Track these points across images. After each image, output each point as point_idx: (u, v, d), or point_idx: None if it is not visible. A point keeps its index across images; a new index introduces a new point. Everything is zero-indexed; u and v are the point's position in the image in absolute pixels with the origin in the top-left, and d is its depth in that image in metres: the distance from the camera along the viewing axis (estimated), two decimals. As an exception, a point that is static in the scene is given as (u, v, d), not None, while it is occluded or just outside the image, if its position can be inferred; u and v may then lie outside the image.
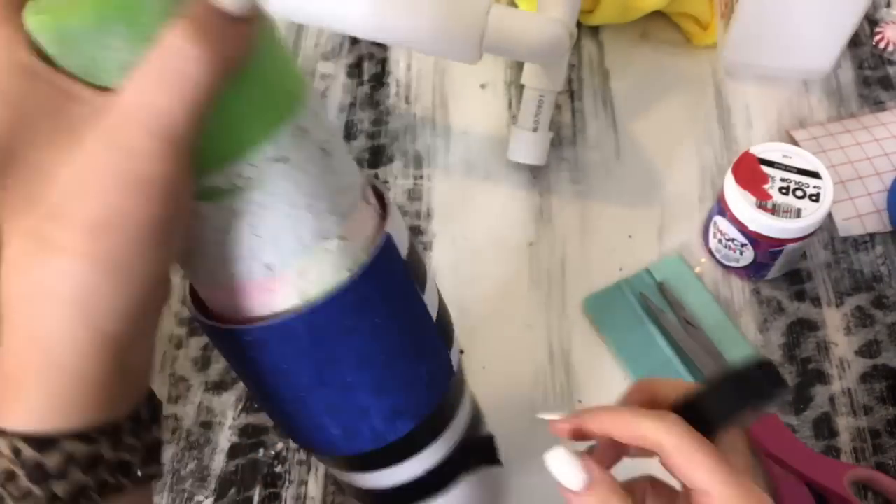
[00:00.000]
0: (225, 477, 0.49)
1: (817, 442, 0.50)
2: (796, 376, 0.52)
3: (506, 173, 0.61)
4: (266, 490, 0.49)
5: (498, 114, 0.65)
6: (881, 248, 0.58)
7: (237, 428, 0.51)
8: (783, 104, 0.65)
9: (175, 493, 0.49)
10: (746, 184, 0.52)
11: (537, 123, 0.57)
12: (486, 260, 0.57)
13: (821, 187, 0.51)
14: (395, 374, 0.33)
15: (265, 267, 0.29)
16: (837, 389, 0.52)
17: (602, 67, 0.67)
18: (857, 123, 0.63)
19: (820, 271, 0.57)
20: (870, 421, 0.51)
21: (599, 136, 0.63)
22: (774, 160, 0.52)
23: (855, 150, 0.61)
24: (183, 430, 0.51)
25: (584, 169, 0.62)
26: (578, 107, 0.65)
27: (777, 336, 0.54)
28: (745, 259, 0.54)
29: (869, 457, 0.50)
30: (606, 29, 0.69)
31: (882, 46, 0.68)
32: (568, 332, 0.54)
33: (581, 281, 0.56)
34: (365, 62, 0.68)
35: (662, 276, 0.56)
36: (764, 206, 0.51)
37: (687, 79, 0.67)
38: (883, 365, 0.53)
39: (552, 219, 0.59)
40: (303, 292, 0.30)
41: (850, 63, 0.68)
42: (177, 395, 0.52)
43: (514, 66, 0.67)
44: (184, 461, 0.50)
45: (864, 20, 0.70)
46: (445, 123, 0.64)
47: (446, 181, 0.61)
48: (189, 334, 0.54)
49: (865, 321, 0.55)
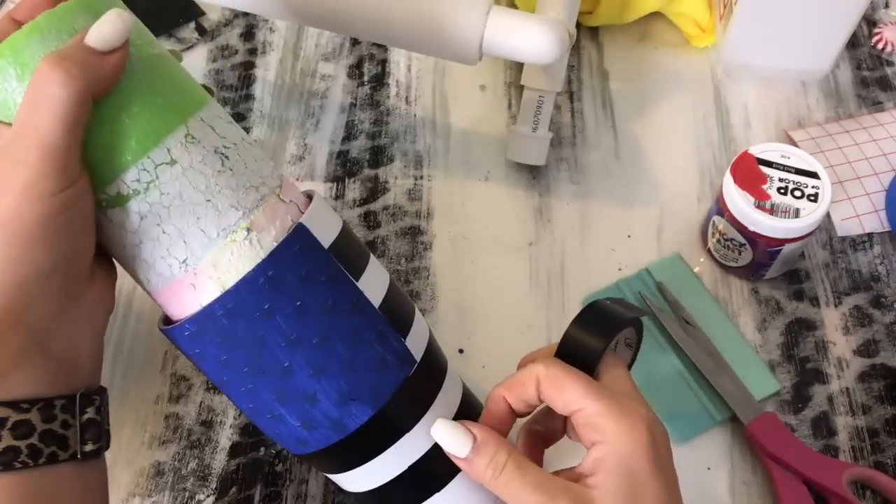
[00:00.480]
0: (226, 476, 0.49)
1: (816, 441, 0.50)
2: (795, 376, 0.53)
3: (506, 173, 0.62)
4: (267, 489, 0.49)
5: (497, 114, 0.65)
6: (879, 247, 0.58)
7: (238, 427, 0.51)
8: (782, 105, 0.65)
9: (176, 491, 0.49)
10: (745, 184, 0.52)
11: (537, 124, 0.58)
12: (486, 260, 0.58)
13: (819, 187, 0.51)
14: (330, 355, 0.35)
15: (181, 263, 0.33)
16: (836, 389, 0.52)
17: (601, 68, 0.68)
18: (856, 124, 0.63)
19: (818, 271, 0.57)
20: (868, 420, 0.51)
21: (599, 137, 0.64)
22: (773, 160, 0.53)
23: (853, 151, 0.61)
24: (184, 430, 0.51)
25: (583, 169, 0.62)
26: (578, 107, 0.65)
27: (776, 335, 0.54)
28: (744, 259, 0.54)
29: (867, 456, 0.50)
30: (606, 30, 0.70)
31: (880, 47, 0.68)
32: (567, 331, 0.54)
33: (580, 281, 0.57)
34: (365, 63, 0.68)
35: (661, 276, 0.56)
36: (762, 207, 0.51)
37: (686, 79, 0.67)
38: (881, 364, 0.53)
39: (552, 219, 0.59)
40: (222, 283, 0.34)
41: (848, 64, 0.68)
42: (178, 394, 0.52)
43: (514, 66, 0.67)
44: (185, 460, 0.50)
45: (863, 21, 0.70)
46: (445, 124, 0.64)
47: (446, 181, 0.61)
48: (190, 334, 0.54)
49: (864, 321, 0.55)
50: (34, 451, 0.31)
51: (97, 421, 0.34)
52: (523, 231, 0.59)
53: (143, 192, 0.32)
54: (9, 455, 0.30)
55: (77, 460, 0.33)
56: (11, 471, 0.30)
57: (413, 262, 0.57)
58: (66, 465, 0.32)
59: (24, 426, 0.31)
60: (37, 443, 0.31)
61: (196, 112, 0.34)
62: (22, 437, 0.30)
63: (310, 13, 0.52)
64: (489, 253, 0.58)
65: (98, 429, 0.34)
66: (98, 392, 0.35)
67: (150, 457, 0.50)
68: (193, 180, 0.33)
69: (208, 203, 0.33)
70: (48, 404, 0.32)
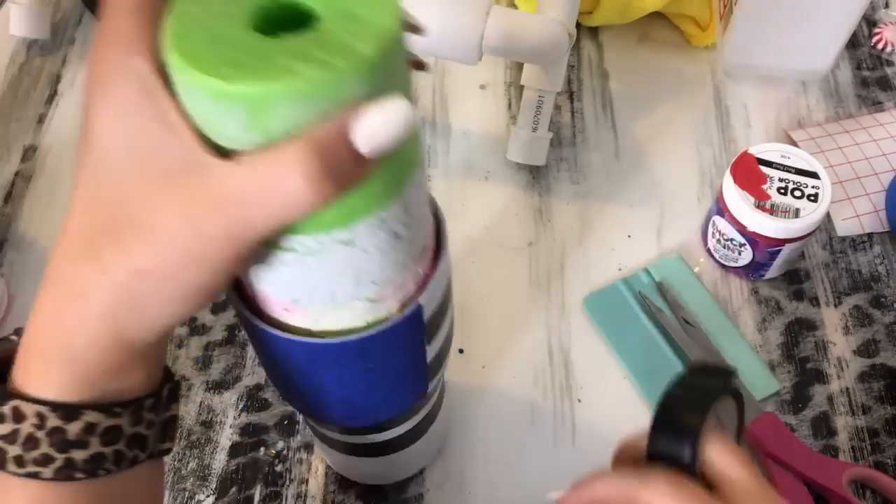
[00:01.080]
0: (226, 476, 0.49)
1: (816, 441, 0.50)
2: (794, 376, 0.53)
3: (506, 173, 0.62)
4: (267, 489, 0.49)
5: (498, 114, 0.65)
6: (879, 247, 0.58)
7: (238, 427, 0.51)
8: (782, 105, 0.65)
9: (176, 491, 0.49)
10: (745, 184, 0.52)
11: (537, 124, 0.58)
12: (486, 260, 0.58)
13: (819, 187, 0.51)
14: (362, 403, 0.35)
15: (292, 300, 0.30)
16: (836, 389, 0.52)
17: (601, 68, 0.68)
18: (856, 124, 0.63)
19: (818, 271, 0.57)
20: (868, 420, 0.51)
21: (599, 137, 0.64)
22: (773, 160, 0.53)
23: (853, 151, 0.61)
24: (184, 430, 0.51)
25: (583, 169, 0.62)
26: (578, 107, 0.65)
27: (775, 335, 0.54)
28: (744, 259, 0.54)
29: (867, 456, 0.50)
30: (606, 30, 0.70)
31: (880, 47, 0.68)
32: (567, 331, 0.54)
33: (580, 280, 0.57)
34: (365, 63, 0.68)
35: (661, 276, 0.56)
36: (762, 207, 0.51)
37: (686, 79, 0.67)
38: (881, 364, 0.53)
39: (552, 219, 0.59)
40: (316, 322, 0.31)
41: (848, 64, 0.68)
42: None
43: (514, 66, 0.67)
44: (185, 460, 0.50)
45: (863, 21, 0.70)
46: (445, 124, 0.64)
47: (446, 181, 0.61)
48: (190, 334, 0.54)
49: (864, 321, 0.55)
50: (119, 457, 0.29)
51: (176, 417, 0.32)
52: (523, 231, 0.59)
53: (302, 254, 0.27)
54: (95, 462, 0.28)
55: (152, 458, 0.31)
56: (94, 478, 0.28)
57: (413, 262, 0.57)
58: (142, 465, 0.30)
59: (114, 432, 0.28)
60: (123, 448, 0.29)
61: (403, 183, 0.27)
62: (110, 444, 0.28)
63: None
64: (489, 253, 0.58)
65: (175, 424, 0.32)
66: (177, 384, 0.32)
67: (150, 457, 0.50)
68: (357, 258, 0.28)
69: (356, 279, 0.29)
70: (138, 406, 0.29)
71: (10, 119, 0.65)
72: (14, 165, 0.63)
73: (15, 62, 0.69)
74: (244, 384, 0.52)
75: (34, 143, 0.64)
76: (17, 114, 0.66)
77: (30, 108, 0.66)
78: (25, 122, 0.65)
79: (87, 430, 0.27)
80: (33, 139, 0.64)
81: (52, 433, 0.27)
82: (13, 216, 0.60)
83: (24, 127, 0.65)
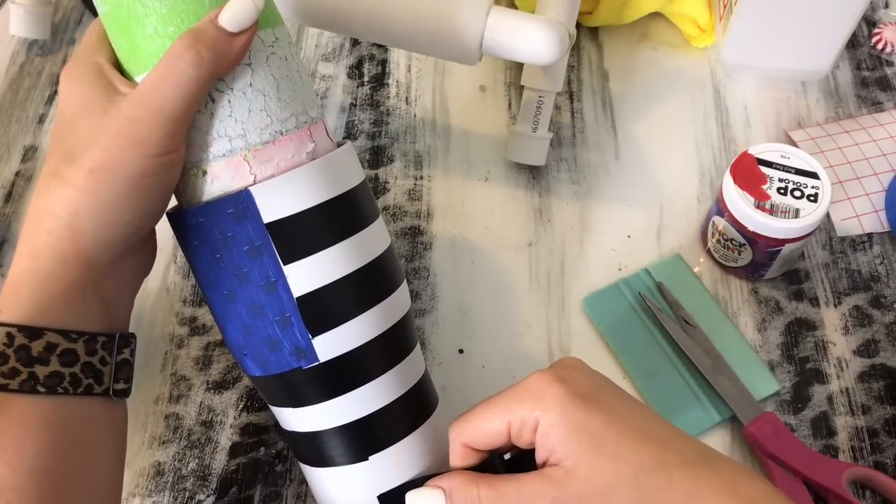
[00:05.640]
0: (226, 476, 0.49)
1: (815, 441, 0.50)
2: (794, 376, 0.53)
3: (505, 174, 0.62)
4: (267, 489, 0.49)
5: (497, 115, 0.65)
6: (879, 247, 0.58)
7: (238, 427, 0.51)
8: (781, 105, 0.65)
9: (176, 491, 0.49)
10: (745, 184, 0.52)
11: (537, 124, 0.58)
12: (485, 260, 0.58)
13: (819, 188, 0.51)
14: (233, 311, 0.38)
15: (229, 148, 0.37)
16: (836, 389, 0.52)
17: (601, 68, 0.68)
18: (855, 124, 0.63)
19: (818, 271, 0.57)
20: (868, 420, 0.51)
21: (599, 137, 0.64)
22: (773, 161, 0.53)
23: (853, 151, 0.62)
24: (184, 430, 0.51)
25: (583, 169, 0.62)
26: (578, 108, 0.65)
27: (775, 336, 0.54)
28: (744, 259, 0.54)
29: (867, 456, 0.50)
30: (606, 30, 0.70)
31: (880, 47, 0.68)
32: (567, 331, 0.54)
33: (580, 281, 0.57)
34: (365, 63, 0.68)
35: (661, 276, 0.56)
36: (762, 207, 0.51)
37: (686, 80, 0.67)
38: (881, 364, 0.53)
39: (552, 219, 0.59)
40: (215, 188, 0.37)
41: (848, 64, 0.68)
42: (178, 394, 0.52)
43: (514, 66, 0.67)
44: (185, 460, 0.50)
45: (863, 21, 0.70)
46: (445, 124, 0.65)
47: (446, 181, 0.61)
48: (190, 334, 0.54)
49: (863, 321, 0.55)
50: (75, 380, 0.34)
51: (129, 363, 0.37)
52: (523, 231, 0.59)
53: None
54: (54, 380, 0.33)
55: (107, 396, 0.35)
56: (53, 395, 0.33)
57: (413, 263, 0.57)
58: (97, 398, 0.35)
59: (70, 355, 0.34)
60: (78, 372, 0.34)
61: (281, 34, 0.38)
62: (67, 365, 0.33)
63: (310, 13, 0.52)
64: (489, 253, 0.58)
65: (129, 370, 0.37)
66: (132, 337, 0.38)
67: (150, 457, 0.50)
68: None
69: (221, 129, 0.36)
70: (92, 339, 0.35)
71: (10, 119, 0.65)
72: (14, 165, 0.63)
73: (15, 62, 0.69)
74: (244, 384, 0.52)
75: (34, 143, 0.64)
76: (17, 114, 0.66)
77: (30, 108, 0.66)
78: (25, 122, 0.65)
79: (47, 349, 0.33)
80: (33, 139, 0.64)
81: (18, 350, 0.32)
82: (13, 216, 0.60)
83: (24, 127, 0.65)
